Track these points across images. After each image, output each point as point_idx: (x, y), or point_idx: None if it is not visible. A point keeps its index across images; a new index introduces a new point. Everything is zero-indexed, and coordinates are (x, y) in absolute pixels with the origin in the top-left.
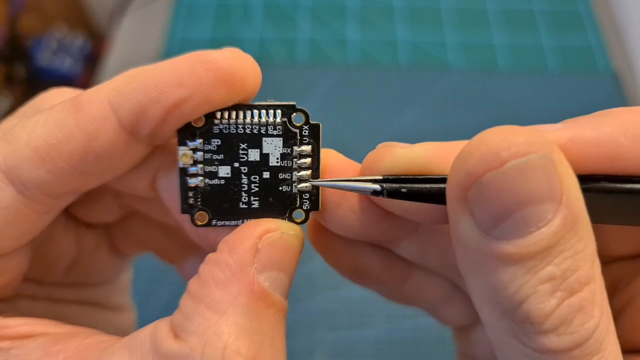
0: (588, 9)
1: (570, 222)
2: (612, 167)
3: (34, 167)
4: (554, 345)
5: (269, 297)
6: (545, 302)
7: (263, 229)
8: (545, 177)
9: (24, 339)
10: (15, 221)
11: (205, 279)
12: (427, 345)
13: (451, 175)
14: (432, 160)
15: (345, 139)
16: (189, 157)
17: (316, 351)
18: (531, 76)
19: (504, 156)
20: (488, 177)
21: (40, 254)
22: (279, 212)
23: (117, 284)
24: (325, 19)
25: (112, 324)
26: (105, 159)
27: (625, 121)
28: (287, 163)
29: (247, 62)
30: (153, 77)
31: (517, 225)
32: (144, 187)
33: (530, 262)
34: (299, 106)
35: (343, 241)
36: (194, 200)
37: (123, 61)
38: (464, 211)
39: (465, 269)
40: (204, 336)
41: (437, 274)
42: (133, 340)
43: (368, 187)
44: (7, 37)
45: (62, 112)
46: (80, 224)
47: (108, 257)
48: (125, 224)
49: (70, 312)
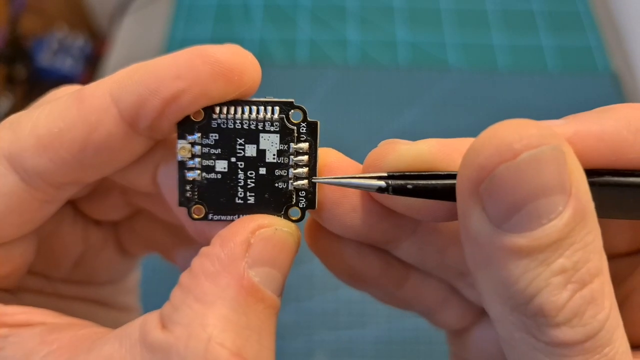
0: (587, 9)
1: (580, 214)
2: (616, 161)
3: (37, 155)
4: (567, 338)
5: (258, 292)
6: (558, 295)
7: (256, 224)
8: (556, 169)
9: (22, 327)
10: (17, 208)
11: (195, 271)
12: (427, 345)
13: (462, 169)
14: (436, 156)
15: (345, 139)
16: (188, 151)
17: (316, 351)
18: (531, 76)
19: (517, 148)
20: (502, 169)
21: (47, 247)
22: (274, 209)
23: (124, 284)
24: (325, 20)
25: (117, 324)
26: (105, 150)
27: (627, 115)
28: (283, 160)
29: (246, 57)
30: (153, 70)
31: (529, 218)
32: (146, 182)
33: (542, 254)
34: (297, 103)
35: (341, 242)
36: (191, 194)
37: (124, 61)
38: (475, 205)
39: (475, 264)
40: (189, 327)
41: (435, 276)
42: (124, 331)
43: (373, 183)
44: (8, 37)
45: (66, 103)
46: (88, 221)
47: (115, 256)
48: (132, 223)
49: (75, 309)
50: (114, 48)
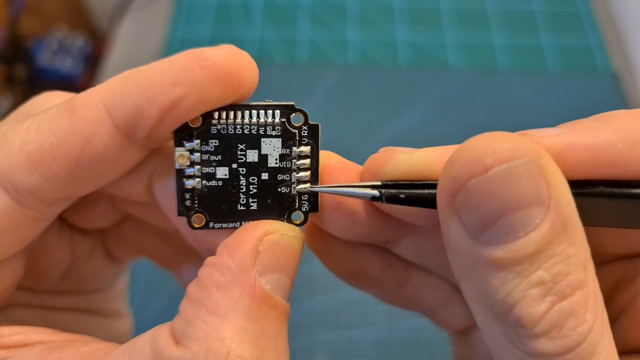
0: (588, 10)
1: (560, 226)
2: (611, 173)
3: (28, 173)
4: (545, 349)
5: (270, 299)
6: (536, 306)
7: (263, 230)
8: (531, 182)
9: (20, 348)
10: (9, 228)
11: (205, 283)
12: (428, 345)
13: (440, 181)
14: (432, 166)
15: (345, 140)
16: (186, 158)
17: (316, 351)
18: (531, 77)
19: (488, 162)
20: (473, 183)
21: (34, 261)
22: (277, 214)
23: (113, 291)
24: (326, 20)
25: (107, 331)
26: (100, 162)
27: (624, 126)
28: (285, 164)
29: (244, 58)
30: (148, 77)
31: (505, 231)
32: (139, 191)
33: (519, 266)
34: (297, 106)
35: (341, 243)
36: (190, 203)
37: (123, 61)
38: (452, 216)
39: (458, 273)
40: (206, 341)
41: (436, 275)
42: (132, 347)
43: (367, 192)
44: (8, 37)
45: (56, 116)
46: (74, 230)
47: (103, 264)
48: (120, 229)
49: (64, 320)
50: (114, 48)
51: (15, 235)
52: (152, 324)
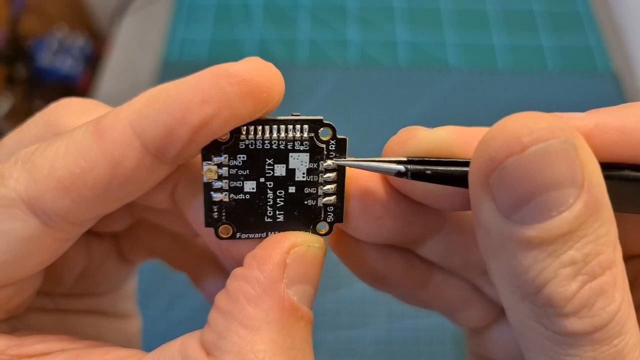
0: (588, 10)
1: (592, 207)
2: (637, 156)
3: (58, 198)
4: (575, 328)
5: (298, 311)
6: (567, 286)
7: (290, 243)
8: (566, 162)
9: (42, 357)
10: (38, 250)
11: (235, 295)
12: (428, 345)
13: (473, 160)
14: (455, 143)
15: None
16: (214, 173)
17: (316, 351)
18: (531, 76)
19: (526, 141)
20: (510, 162)
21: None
22: (303, 225)
23: (123, 291)
24: (326, 20)
25: (118, 331)
26: (129, 183)
27: None
28: (313, 178)
29: (271, 71)
30: (176, 96)
31: (538, 210)
32: (162, 199)
33: (551, 246)
34: (326, 120)
35: (365, 246)
36: (218, 215)
37: (124, 61)
38: (485, 196)
39: (487, 253)
40: (239, 355)
41: (458, 275)
42: (160, 356)
43: (392, 167)
44: (8, 37)
45: (83, 139)
46: (90, 234)
47: (116, 266)
48: (134, 232)
49: (78, 322)
50: (114, 48)
51: (44, 256)
52: (152, 324)
